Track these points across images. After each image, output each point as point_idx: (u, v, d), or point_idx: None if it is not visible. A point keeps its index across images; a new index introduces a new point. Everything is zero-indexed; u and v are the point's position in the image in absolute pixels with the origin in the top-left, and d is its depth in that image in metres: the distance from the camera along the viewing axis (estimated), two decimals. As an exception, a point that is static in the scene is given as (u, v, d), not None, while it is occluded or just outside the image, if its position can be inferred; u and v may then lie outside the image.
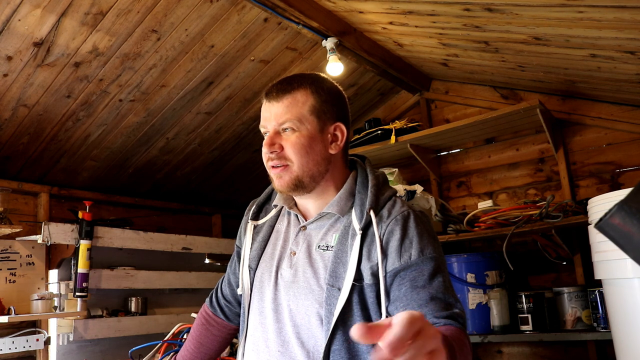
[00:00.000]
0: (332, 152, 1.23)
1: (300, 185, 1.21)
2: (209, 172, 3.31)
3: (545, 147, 2.81)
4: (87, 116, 2.49)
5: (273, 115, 1.21)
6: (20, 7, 1.88)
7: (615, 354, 1.79)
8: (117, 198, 3.02)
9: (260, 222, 1.36)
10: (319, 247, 1.21)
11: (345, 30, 2.36)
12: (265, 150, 1.21)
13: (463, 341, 0.98)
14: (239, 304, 1.45)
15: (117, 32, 2.12)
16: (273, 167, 1.22)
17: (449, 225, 2.69)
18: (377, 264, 1.12)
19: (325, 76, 1.30)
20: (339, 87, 1.30)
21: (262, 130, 1.25)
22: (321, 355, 1.11)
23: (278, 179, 1.22)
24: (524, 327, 2.48)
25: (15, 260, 2.47)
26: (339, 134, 1.24)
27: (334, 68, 2.36)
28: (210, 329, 1.49)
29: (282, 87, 1.22)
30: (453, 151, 3.13)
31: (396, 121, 2.94)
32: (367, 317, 1.12)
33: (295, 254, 1.24)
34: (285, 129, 1.20)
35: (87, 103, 2.42)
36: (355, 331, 0.59)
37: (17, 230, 2.32)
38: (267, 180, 1.43)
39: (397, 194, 1.26)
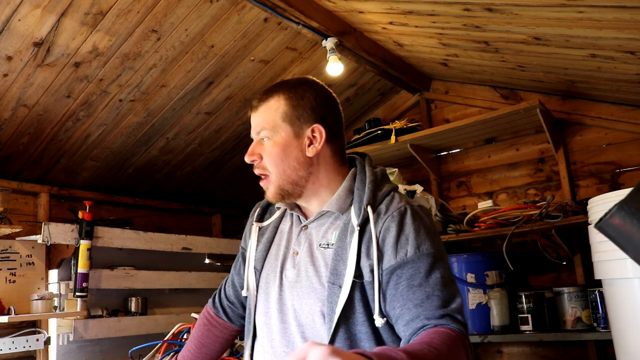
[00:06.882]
0: (309, 155, 1.22)
1: (284, 194, 1.23)
2: (209, 172, 3.31)
3: (545, 147, 2.81)
4: (87, 116, 2.49)
5: (253, 125, 1.26)
6: (20, 7, 1.88)
7: (615, 354, 1.79)
8: (117, 198, 3.02)
9: (264, 223, 1.37)
10: (320, 245, 1.22)
11: (345, 30, 2.36)
12: (246, 160, 1.26)
13: (449, 343, 0.96)
14: (242, 305, 1.46)
15: (117, 32, 2.12)
16: (259, 176, 1.26)
17: (449, 225, 2.69)
18: (374, 262, 1.12)
19: (309, 78, 1.30)
20: (324, 87, 1.29)
21: None
22: None
23: (266, 190, 1.26)
24: (524, 327, 2.48)
25: (15, 260, 2.47)
26: (317, 135, 1.22)
27: (334, 68, 2.36)
28: (212, 330, 1.49)
29: (259, 97, 1.27)
30: (453, 151, 3.13)
31: (396, 121, 2.94)
32: (369, 314, 1.12)
33: (297, 253, 1.24)
34: (262, 138, 1.24)
35: (87, 103, 2.42)
36: None
37: (17, 230, 2.32)
38: (267, 181, 1.44)
39: (397, 189, 1.25)
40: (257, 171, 1.25)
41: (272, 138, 1.22)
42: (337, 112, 1.29)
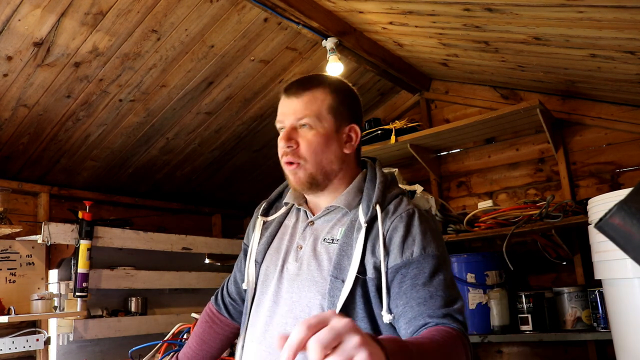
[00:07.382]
0: (346, 151, 1.25)
1: (314, 183, 1.23)
2: (209, 172, 3.31)
3: (545, 147, 2.81)
4: (87, 116, 2.49)
5: (291, 110, 1.22)
6: (20, 7, 1.88)
7: (615, 354, 1.79)
8: (117, 198, 3.02)
9: (270, 218, 1.39)
10: (324, 240, 1.23)
11: (345, 30, 2.36)
12: (281, 145, 1.22)
13: (450, 341, 0.97)
14: (244, 302, 1.46)
15: (117, 32, 2.12)
16: (288, 163, 1.23)
17: (449, 225, 2.69)
18: (380, 259, 1.13)
19: (342, 79, 1.33)
20: (355, 89, 1.33)
21: (279, 125, 1.26)
22: None
23: (293, 176, 1.23)
24: (524, 327, 2.48)
25: (15, 260, 2.47)
26: (353, 135, 1.26)
27: (334, 68, 2.36)
28: (213, 327, 1.50)
29: (302, 85, 1.24)
30: (453, 151, 3.13)
31: (396, 121, 2.94)
32: (369, 311, 1.13)
33: (301, 248, 1.25)
34: (303, 125, 1.21)
35: (87, 103, 2.42)
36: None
37: (17, 230, 2.32)
38: (267, 181, 1.44)
39: (405, 194, 1.27)
40: (287, 158, 1.22)
41: (314, 127, 1.21)
42: (362, 115, 1.34)
